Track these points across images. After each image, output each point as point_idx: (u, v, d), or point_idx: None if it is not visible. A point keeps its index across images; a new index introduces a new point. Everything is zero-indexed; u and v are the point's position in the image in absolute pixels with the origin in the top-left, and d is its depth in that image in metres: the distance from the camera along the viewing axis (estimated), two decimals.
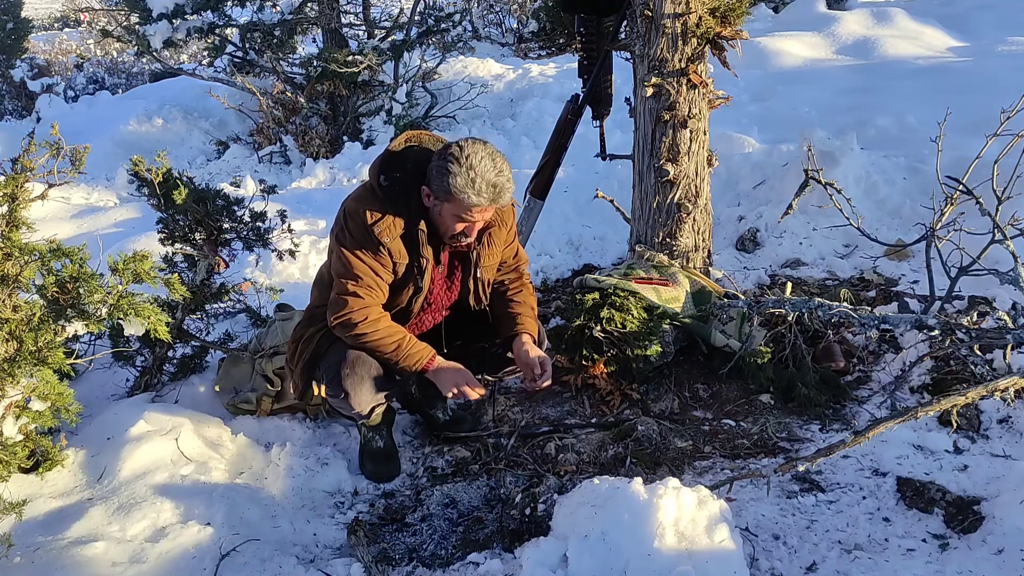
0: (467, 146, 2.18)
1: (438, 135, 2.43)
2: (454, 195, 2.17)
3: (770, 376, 2.95)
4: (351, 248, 2.28)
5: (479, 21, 10.14)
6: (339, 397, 2.39)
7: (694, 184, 3.23)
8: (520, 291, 2.59)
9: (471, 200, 2.16)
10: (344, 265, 2.30)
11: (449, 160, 2.16)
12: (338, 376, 2.35)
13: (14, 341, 2.20)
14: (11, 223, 2.24)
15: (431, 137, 2.40)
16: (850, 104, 5.78)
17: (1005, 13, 8.04)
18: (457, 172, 2.15)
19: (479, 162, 2.15)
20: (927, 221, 3.31)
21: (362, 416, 2.48)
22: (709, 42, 3.05)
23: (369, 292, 2.30)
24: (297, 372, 2.53)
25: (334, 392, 2.40)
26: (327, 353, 2.43)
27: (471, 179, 2.14)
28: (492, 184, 2.17)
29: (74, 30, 17.23)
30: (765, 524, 2.25)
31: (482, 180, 2.15)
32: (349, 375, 2.34)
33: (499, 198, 2.21)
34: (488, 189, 2.17)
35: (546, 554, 2.00)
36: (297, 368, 2.52)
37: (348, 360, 2.34)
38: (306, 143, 6.81)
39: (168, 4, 6.55)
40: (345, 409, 2.45)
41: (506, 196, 2.23)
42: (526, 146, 5.97)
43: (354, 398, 2.36)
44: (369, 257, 2.29)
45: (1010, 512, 2.10)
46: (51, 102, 9.22)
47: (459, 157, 2.16)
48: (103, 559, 2.08)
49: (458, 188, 2.15)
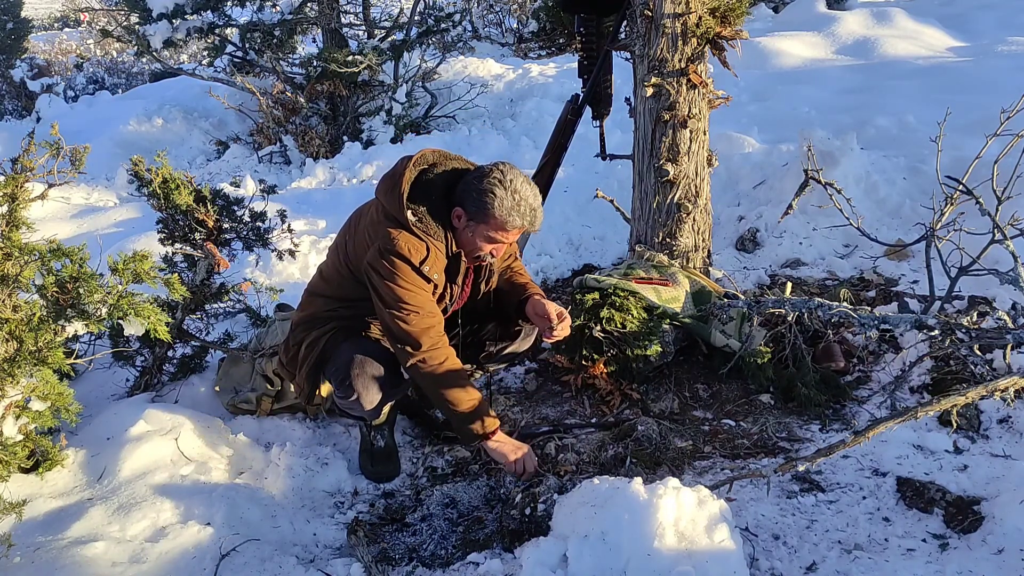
0: (507, 171, 2.28)
1: (442, 150, 2.44)
2: (497, 218, 2.25)
3: (770, 376, 2.95)
4: (405, 284, 2.28)
5: (479, 21, 10.15)
6: (349, 399, 2.41)
7: (694, 184, 3.23)
8: (519, 271, 2.69)
9: (515, 223, 2.26)
10: (402, 304, 2.29)
11: (494, 184, 2.25)
12: (348, 378, 2.37)
13: (14, 341, 2.20)
14: (11, 223, 2.24)
15: (436, 153, 2.41)
16: (850, 104, 5.78)
17: (1005, 13, 8.05)
18: (503, 196, 2.24)
19: (521, 187, 2.26)
20: (927, 221, 3.31)
21: (373, 416, 2.51)
22: (709, 42, 3.04)
23: (432, 322, 2.33)
24: (302, 376, 2.54)
25: (344, 394, 2.42)
26: (334, 356, 2.44)
27: (516, 202, 2.25)
28: (533, 208, 2.29)
29: (74, 30, 17.25)
30: (765, 524, 2.25)
31: (526, 204, 2.27)
32: (359, 376, 2.37)
33: (536, 220, 2.31)
34: (530, 213, 2.28)
35: (546, 554, 2.00)
36: (302, 372, 2.53)
37: (356, 362, 2.37)
38: (306, 143, 6.81)
39: (168, 4, 6.55)
40: (355, 410, 2.47)
41: (540, 218, 2.33)
42: (526, 146, 5.97)
43: (365, 398, 2.39)
44: (420, 288, 2.31)
45: (1010, 512, 2.10)
46: (51, 102, 9.22)
47: (503, 181, 2.25)
48: (103, 559, 2.08)
49: (505, 211, 2.24)
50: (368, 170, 6.04)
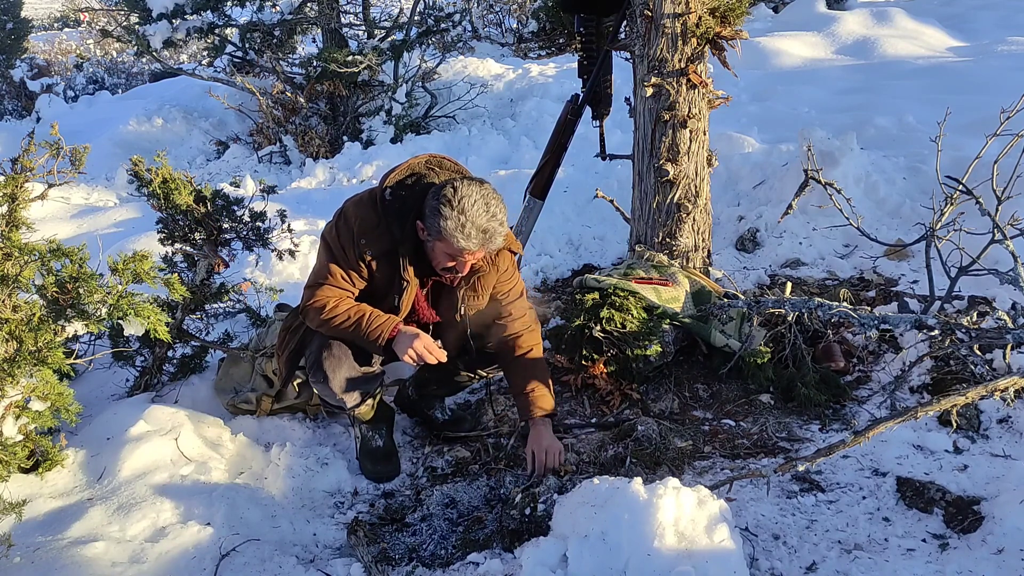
0: (461, 187, 2.18)
1: (460, 163, 2.43)
2: (444, 237, 2.19)
3: (770, 376, 2.95)
4: (333, 249, 2.36)
5: (479, 21, 10.14)
6: (320, 381, 2.43)
7: (694, 184, 3.23)
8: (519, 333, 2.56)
9: (460, 244, 2.19)
10: (320, 261, 2.41)
11: (442, 202, 2.17)
12: (318, 360, 2.41)
13: (14, 341, 2.20)
14: (11, 223, 2.24)
15: (452, 163, 2.41)
16: (850, 104, 5.78)
17: (1005, 13, 8.06)
18: (448, 215, 2.16)
19: (471, 206, 2.16)
20: (927, 221, 3.31)
21: (347, 406, 2.50)
22: (709, 42, 3.04)
23: (333, 290, 2.37)
24: (283, 360, 2.61)
25: (315, 377, 2.45)
26: (310, 342, 2.48)
27: (461, 223, 2.15)
28: (483, 230, 2.18)
29: (74, 30, 17.24)
30: (765, 524, 2.25)
31: (472, 225, 2.16)
32: (328, 357, 2.39)
33: (489, 243, 2.22)
34: (478, 235, 2.18)
35: (546, 554, 2.00)
36: (283, 357, 2.61)
37: (327, 344, 2.41)
38: (306, 143, 6.81)
39: (168, 4, 6.54)
40: (329, 396, 2.48)
41: (496, 240, 2.23)
42: (526, 146, 5.97)
43: (333, 380, 2.41)
44: (344, 263, 2.36)
45: (1010, 512, 2.10)
46: (51, 102, 9.22)
47: (452, 200, 2.16)
48: (103, 559, 2.08)
49: (448, 231, 2.17)
50: (368, 170, 6.04)
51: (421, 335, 2.36)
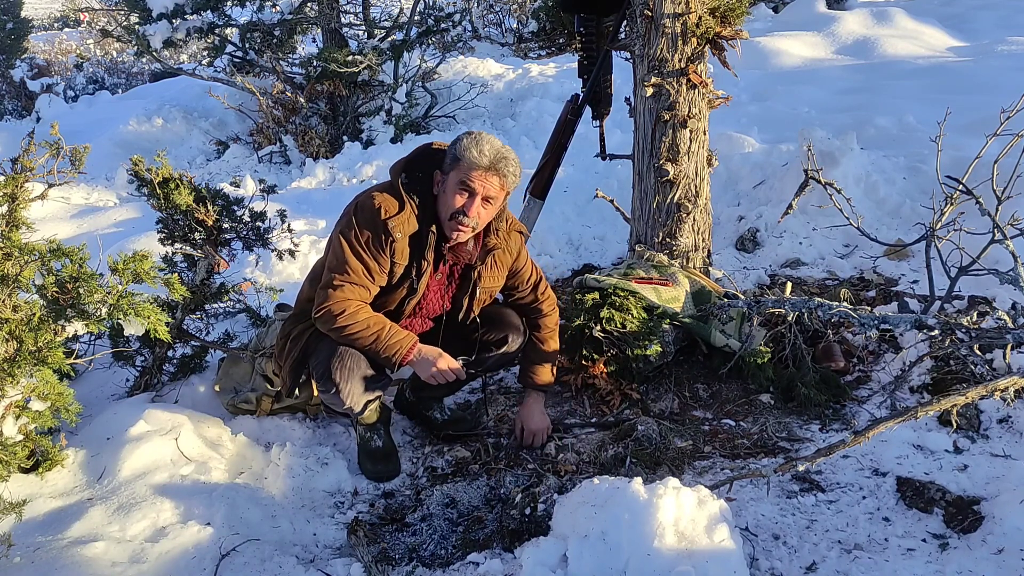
0: (477, 131, 2.37)
1: None
2: (460, 157, 2.29)
3: (770, 376, 2.95)
4: (353, 242, 2.33)
5: (479, 21, 10.15)
6: (330, 392, 2.41)
7: (694, 184, 3.23)
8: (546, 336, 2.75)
9: (473, 158, 2.27)
10: (338, 258, 2.35)
11: (462, 136, 2.33)
12: (328, 371, 2.37)
13: (14, 341, 2.20)
14: (11, 223, 2.24)
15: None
16: (850, 104, 5.78)
17: (1005, 13, 8.06)
18: (466, 139, 2.30)
19: (487, 136, 2.33)
20: (927, 221, 3.31)
21: (355, 412, 2.49)
22: (709, 42, 3.05)
23: (354, 288, 2.34)
24: (286, 370, 2.55)
25: (324, 387, 2.42)
26: (317, 350, 2.44)
27: (476, 141, 2.29)
28: (496, 150, 2.30)
29: (74, 30, 17.25)
30: (765, 524, 2.25)
31: (488, 144, 2.29)
32: (339, 368, 2.36)
33: (499, 164, 2.30)
34: (492, 152, 2.29)
35: (546, 554, 2.00)
36: (286, 366, 2.55)
37: (338, 354, 2.36)
38: (306, 143, 6.81)
39: (168, 4, 6.55)
40: (337, 405, 2.46)
41: (509, 167, 2.32)
42: (526, 146, 5.97)
43: (344, 392, 2.38)
44: (367, 255, 2.33)
45: (1010, 512, 2.10)
46: (51, 102, 9.22)
47: (470, 133, 2.34)
48: (103, 559, 2.08)
49: (462, 148, 2.29)
50: (368, 170, 6.04)
51: (441, 355, 2.40)
